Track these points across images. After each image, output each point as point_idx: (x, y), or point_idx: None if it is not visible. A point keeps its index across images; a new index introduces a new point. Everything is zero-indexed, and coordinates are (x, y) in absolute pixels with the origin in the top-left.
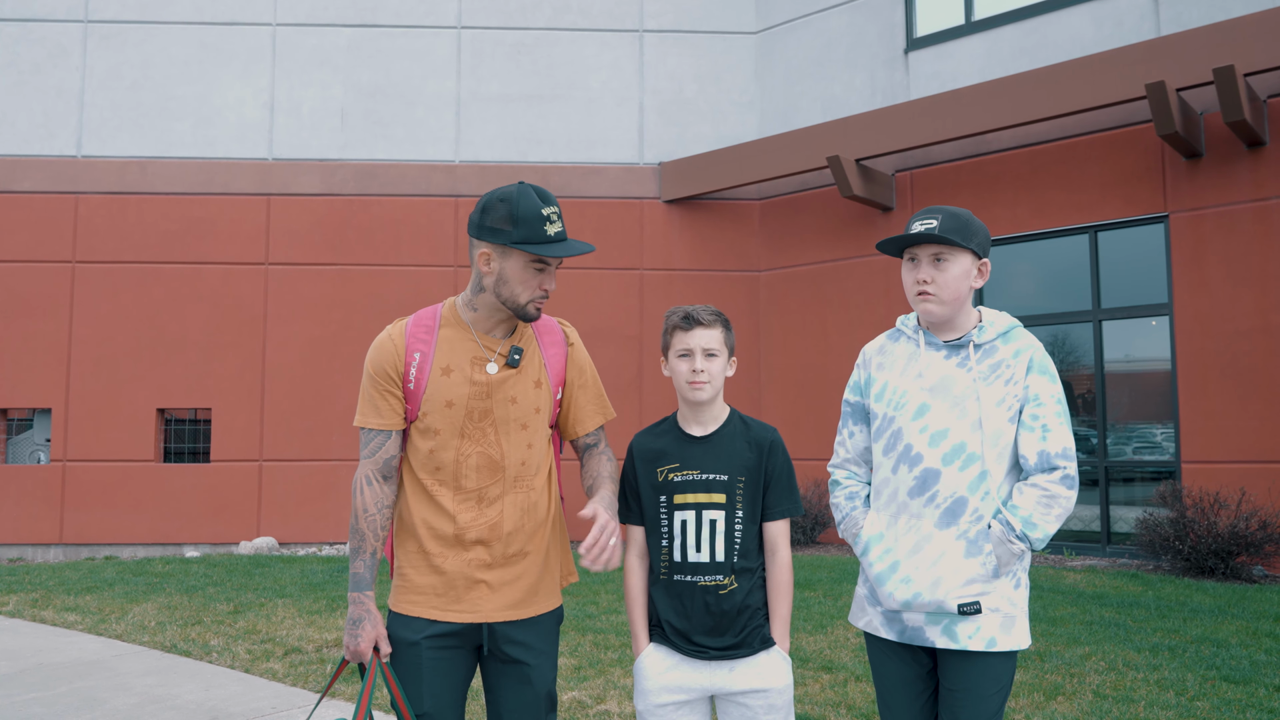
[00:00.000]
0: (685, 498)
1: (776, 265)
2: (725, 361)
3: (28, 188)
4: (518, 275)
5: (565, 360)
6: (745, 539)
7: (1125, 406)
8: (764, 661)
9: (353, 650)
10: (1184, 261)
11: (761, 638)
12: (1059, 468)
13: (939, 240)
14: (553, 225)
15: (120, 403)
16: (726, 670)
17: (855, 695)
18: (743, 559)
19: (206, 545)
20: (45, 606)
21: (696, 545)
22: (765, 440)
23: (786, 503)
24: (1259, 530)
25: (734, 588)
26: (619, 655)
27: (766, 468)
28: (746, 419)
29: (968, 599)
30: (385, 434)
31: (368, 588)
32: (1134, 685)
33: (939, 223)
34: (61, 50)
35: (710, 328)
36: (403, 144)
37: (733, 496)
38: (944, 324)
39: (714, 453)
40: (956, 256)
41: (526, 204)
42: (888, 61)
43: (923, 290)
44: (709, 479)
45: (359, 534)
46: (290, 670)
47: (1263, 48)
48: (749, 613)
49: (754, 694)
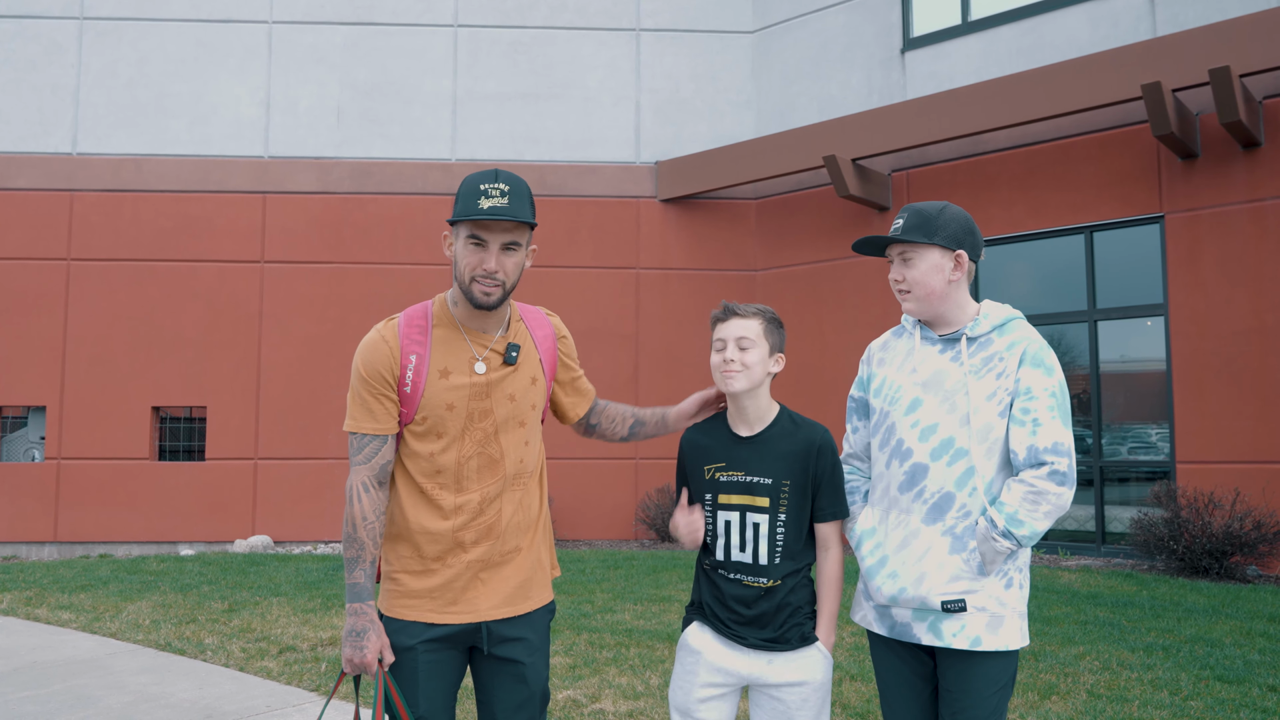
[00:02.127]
0: (730, 499)
1: (773, 265)
2: (764, 355)
3: (23, 185)
4: (461, 254)
5: (556, 353)
6: (789, 542)
7: (1120, 406)
8: (802, 656)
9: (356, 662)
10: (1179, 262)
11: (801, 635)
12: (1047, 463)
13: (899, 240)
14: (489, 199)
15: (115, 401)
16: (764, 661)
17: (850, 694)
18: (786, 561)
19: (201, 543)
20: (39, 605)
21: (740, 545)
22: (814, 443)
23: (836, 505)
24: (1253, 530)
25: (777, 585)
26: (614, 654)
27: (815, 471)
28: (797, 418)
29: (952, 596)
30: (380, 439)
31: (369, 598)
32: (1128, 685)
33: (904, 222)
34: (57, 47)
35: (746, 318)
36: (399, 142)
37: (776, 500)
38: (936, 319)
39: (760, 454)
40: (922, 253)
41: (470, 180)
42: (884, 61)
43: (898, 289)
44: (752, 482)
45: (358, 543)
46: (285, 669)
47: (1259, 49)
48: (789, 610)
49: (789, 687)
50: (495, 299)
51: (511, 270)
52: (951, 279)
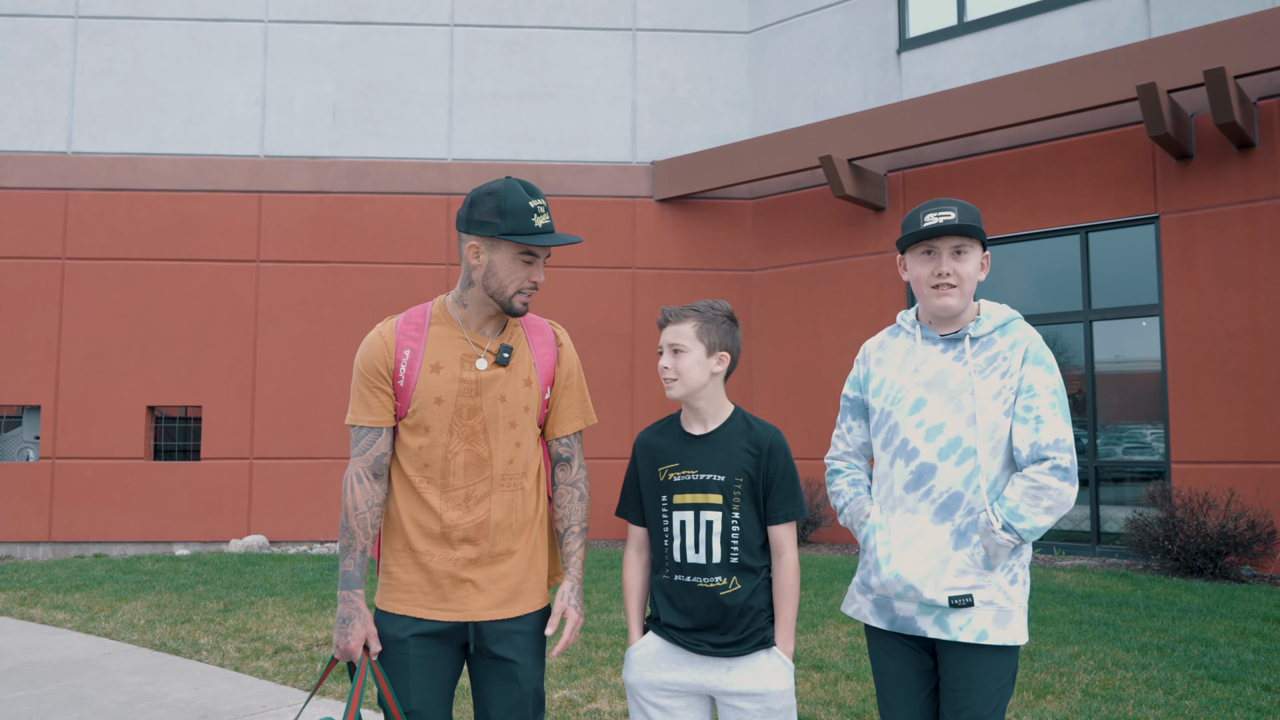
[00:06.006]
0: (683, 498)
1: (768, 265)
2: (700, 357)
3: (17, 183)
4: (506, 267)
5: (555, 360)
6: (744, 540)
7: (1115, 407)
8: (763, 663)
9: (343, 648)
10: (1174, 263)
11: (762, 639)
12: (1049, 459)
13: (961, 232)
14: (540, 217)
15: (110, 400)
16: (724, 669)
17: (846, 694)
18: (742, 560)
19: (197, 543)
20: (34, 605)
21: (695, 546)
22: (765, 442)
23: (789, 506)
24: (1247, 530)
25: (736, 589)
26: (610, 654)
27: (766, 470)
28: (750, 419)
29: (959, 591)
30: (376, 431)
31: (357, 586)
32: (1123, 684)
33: (956, 214)
34: (52, 45)
35: (678, 323)
36: (395, 141)
37: (729, 497)
38: (951, 318)
39: (711, 452)
40: (973, 249)
41: (514, 197)
42: (880, 62)
43: (942, 283)
44: (706, 479)
45: (349, 532)
46: (280, 669)
47: (1253, 50)
48: (752, 613)
49: (750, 696)
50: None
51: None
52: (980, 278)
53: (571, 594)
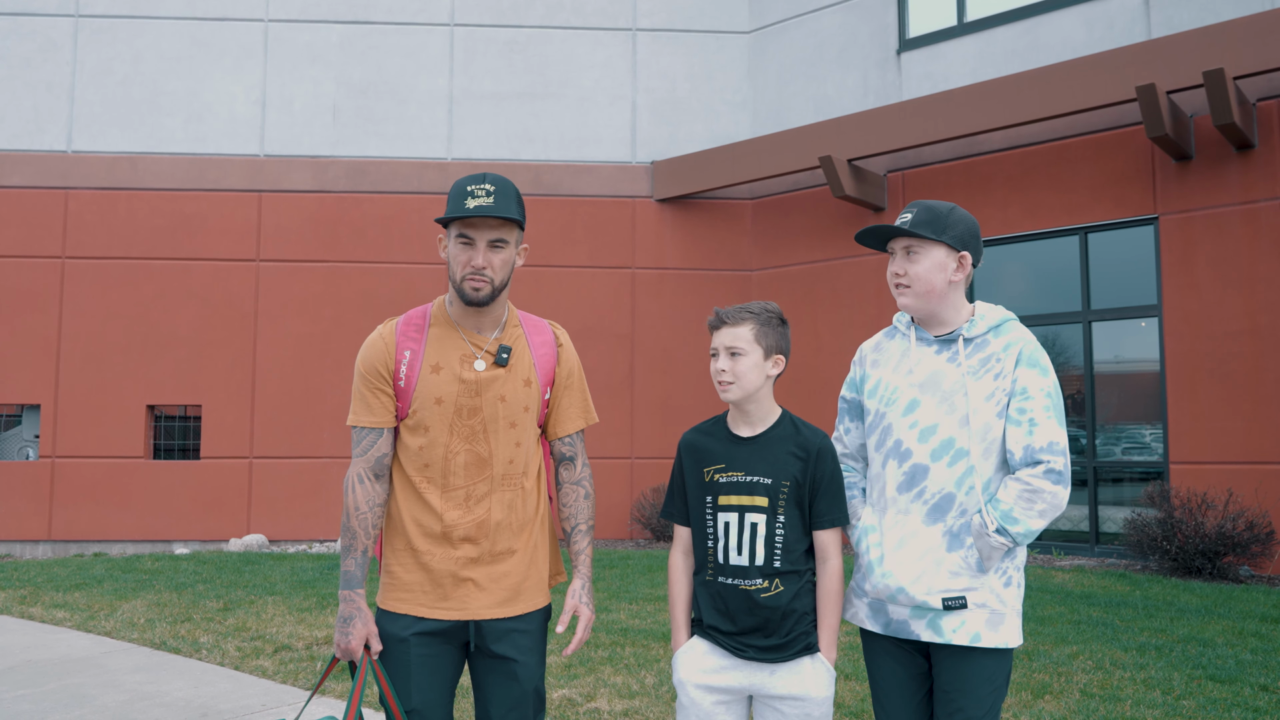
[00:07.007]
0: (729, 499)
1: (768, 265)
2: (758, 360)
3: (17, 183)
4: (452, 253)
5: (555, 361)
6: (788, 543)
7: (1114, 407)
8: (806, 668)
9: (344, 648)
10: (1173, 263)
11: (806, 644)
12: (1042, 462)
13: (908, 233)
14: (474, 199)
15: (110, 399)
16: (767, 673)
17: (843, 693)
18: (786, 563)
19: (196, 542)
20: (34, 603)
21: (738, 548)
22: (813, 446)
23: (835, 511)
24: (1246, 531)
25: (779, 591)
26: (609, 654)
27: (813, 474)
28: (798, 422)
29: (953, 593)
30: (377, 432)
31: (359, 585)
32: (1121, 684)
33: (913, 216)
34: (52, 44)
35: (735, 325)
36: (395, 141)
37: (775, 500)
38: (930, 318)
39: (759, 455)
40: (928, 249)
41: (458, 184)
42: (880, 62)
43: (899, 283)
44: (752, 481)
45: (350, 532)
46: (280, 668)
47: (1252, 51)
48: (795, 616)
49: (791, 700)
50: (485, 295)
51: (499, 267)
52: (953, 279)
53: (582, 591)
